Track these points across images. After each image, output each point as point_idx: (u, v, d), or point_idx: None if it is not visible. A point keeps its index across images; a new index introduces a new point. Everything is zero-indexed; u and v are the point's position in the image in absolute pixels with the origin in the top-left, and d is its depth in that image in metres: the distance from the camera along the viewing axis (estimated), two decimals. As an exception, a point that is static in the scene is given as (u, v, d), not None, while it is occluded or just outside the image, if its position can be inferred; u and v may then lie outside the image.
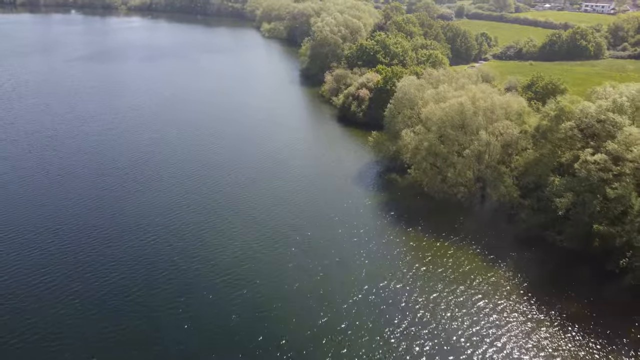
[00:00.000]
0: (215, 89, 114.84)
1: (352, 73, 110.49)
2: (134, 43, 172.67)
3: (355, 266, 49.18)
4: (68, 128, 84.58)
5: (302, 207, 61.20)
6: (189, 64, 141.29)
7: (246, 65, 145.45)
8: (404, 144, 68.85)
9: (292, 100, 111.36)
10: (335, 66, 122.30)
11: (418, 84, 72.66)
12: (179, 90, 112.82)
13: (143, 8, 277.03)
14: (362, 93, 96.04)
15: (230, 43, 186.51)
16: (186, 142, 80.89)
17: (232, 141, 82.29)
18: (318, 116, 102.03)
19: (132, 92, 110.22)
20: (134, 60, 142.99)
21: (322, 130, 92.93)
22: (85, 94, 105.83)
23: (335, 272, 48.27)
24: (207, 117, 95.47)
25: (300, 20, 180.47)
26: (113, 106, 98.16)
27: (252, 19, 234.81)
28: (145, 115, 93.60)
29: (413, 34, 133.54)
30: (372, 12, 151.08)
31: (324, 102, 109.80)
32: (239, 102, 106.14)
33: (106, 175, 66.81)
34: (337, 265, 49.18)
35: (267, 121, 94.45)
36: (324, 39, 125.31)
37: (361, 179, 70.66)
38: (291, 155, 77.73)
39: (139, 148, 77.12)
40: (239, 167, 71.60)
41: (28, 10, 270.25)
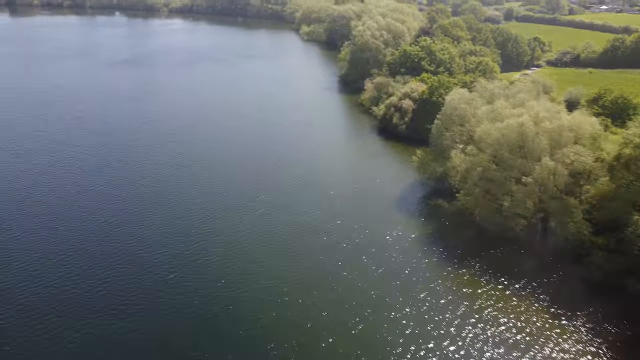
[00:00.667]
0: (248, 98, 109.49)
1: (395, 81, 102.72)
2: (173, 46, 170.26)
3: (398, 320, 41.72)
4: (97, 139, 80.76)
5: (336, 238, 54.15)
6: (225, 70, 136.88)
7: (282, 70, 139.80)
8: (452, 166, 60.87)
9: (329, 109, 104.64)
10: (376, 73, 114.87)
11: (469, 99, 64.45)
12: (208, 100, 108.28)
13: (184, 10, 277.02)
14: (405, 104, 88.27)
15: (267, 46, 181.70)
16: (209, 158, 75.52)
17: (262, 154, 76.28)
18: (356, 127, 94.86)
19: (166, 98, 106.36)
20: (171, 65, 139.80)
21: (360, 144, 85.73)
22: (120, 100, 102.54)
23: (375, 327, 40.93)
24: (238, 126, 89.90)
25: (340, 23, 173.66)
26: (148, 112, 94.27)
27: (291, 21, 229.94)
28: (173, 124, 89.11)
29: (460, 39, 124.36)
30: (416, 15, 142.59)
31: (363, 111, 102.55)
32: (272, 110, 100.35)
33: (142, 186, 62.15)
34: (377, 319, 41.83)
35: (301, 132, 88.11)
36: (364, 43, 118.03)
37: (403, 203, 63.12)
38: (325, 173, 70.98)
39: (168, 158, 72.32)
40: (266, 188, 65.31)
41: (74, 12, 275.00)
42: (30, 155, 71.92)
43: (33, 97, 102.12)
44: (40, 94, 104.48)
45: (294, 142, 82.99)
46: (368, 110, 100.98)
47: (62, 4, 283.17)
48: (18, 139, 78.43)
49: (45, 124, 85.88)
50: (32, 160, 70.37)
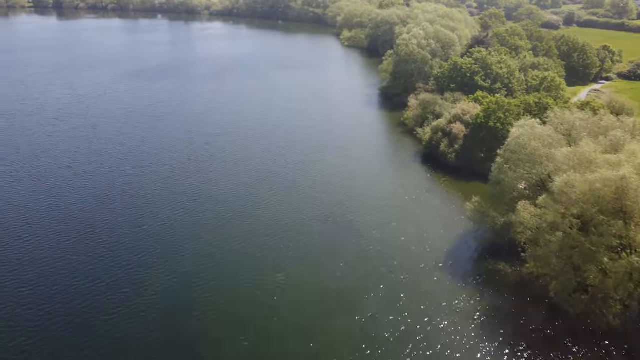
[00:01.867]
0: (279, 116, 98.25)
1: (443, 99, 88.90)
2: (208, 53, 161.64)
3: None
4: (110, 161, 71.57)
5: (373, 311, 41.83)
6: (257, 82, 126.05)
7: (319, 81, 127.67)
8: (519, 221, 47.20)
9: (368, 130, 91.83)
10: (421, 87, 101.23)
11: (542, 134, 50.33)
12: (230, 119, 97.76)
13: (225, 13, 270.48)
14: (455, 129, 74.52)
15: (305, 53, 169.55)
16: (229, 183, 64.58)
17: (286, 187, 64.68)
18: (398, 153, 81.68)
19: (187, 115, 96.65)
20: (202, 75, 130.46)
21: (402, 176, 72.55)
22: (138, 117, 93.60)
23: None
24: (262, 151, 78.69)
25: (383, 28, 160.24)
26: (166, 131, 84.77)
27: (332, 25, 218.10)
28: (185, 148, 78.92)
29: (519, 49, 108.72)
30: (468, 22, 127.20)
31: (405, 132, 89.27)
32: (304, 131, 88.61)
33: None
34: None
35: (334, 160, 75.81)
36: (409, 54, 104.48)
37: (454, 263, 49.89)
38: (361, 216, 58.46)
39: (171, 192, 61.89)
40: (284, 242, 53.58)
41: (118, 15, 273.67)
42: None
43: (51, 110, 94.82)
44: (52, 107, 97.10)
45: (325, 173, 70.82)
46: (412, 131, 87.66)
47: (107, 7, 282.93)
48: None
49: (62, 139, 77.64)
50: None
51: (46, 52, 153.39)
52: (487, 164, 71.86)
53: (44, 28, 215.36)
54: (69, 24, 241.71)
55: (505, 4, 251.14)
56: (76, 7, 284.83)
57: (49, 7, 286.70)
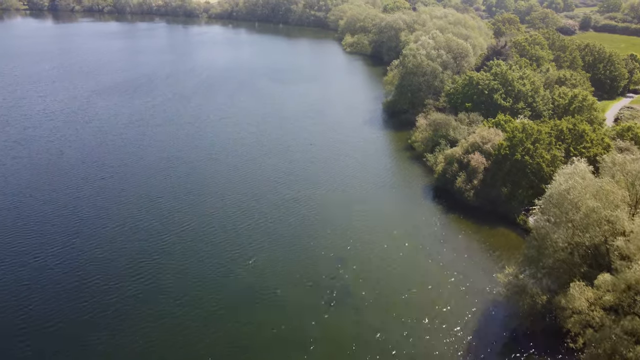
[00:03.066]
0: (272, 137, 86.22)
1: (457, 120, 76.51)
2: (205, 62, 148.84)
3: None
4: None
5: None
6: (250, 98, 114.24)
7: (318, 95, 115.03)
8: (569, 306, 34.97)
9: (370, 154, 79.44)
10: (431, 104, 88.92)
11: (600, 189, 37.86)
12: (216, 145, 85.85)
13: (224, 16, 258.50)
14: (474, 161, 62.06)
15: (306, 62, 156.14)
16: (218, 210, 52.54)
17: (266, 241, 52.57)
18: (405, 185, 69.26)
19: (178, 135, 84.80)
20: (191, 88, 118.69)
21: (409, 217, 60.13)
22: (120, 138, 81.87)
23: None
24: (247, 187, 66.65)
25: (387, 34, 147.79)
26: (141, 157, 72.91)
27: (334, 29, 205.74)
28: (166, 174, 66.91)
29: (540, 60, 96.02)
30: (481, 28, 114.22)
31: (414, 158, 76.94)
32: (298, 157, 76.48)
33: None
34: None
35: (330, 196, 63.63)
36: (417, 65, 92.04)
37: (485, 353, 37.62)
38: (361, 283, 46.24)
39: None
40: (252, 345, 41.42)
41: (114, 17, 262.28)
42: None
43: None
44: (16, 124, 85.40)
45: (317, 214, 58.68)
46: (421, 157, 75.40)
47: (103, 9, 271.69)
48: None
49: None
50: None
51: (27, 59, 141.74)
52: (514, 205, 59.77)
53: (32, 33, 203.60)
54: (61, 28, 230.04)
55: (515, 7, 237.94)
56: (72, 10, 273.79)
57: (44, 10, 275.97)
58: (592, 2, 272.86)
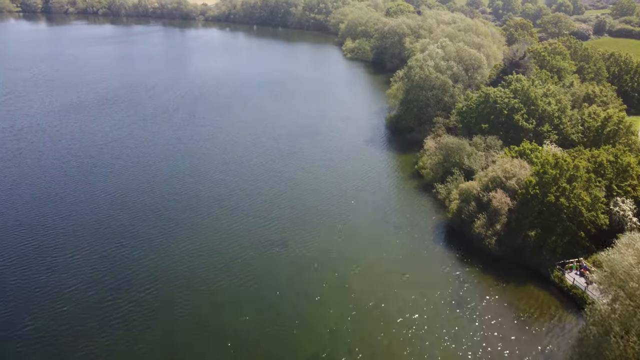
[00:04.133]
0: (264, 161, 75.90)
1: (472, 144, 65.78)
2: (196, 71, 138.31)
3: None
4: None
5: None
6: (249, 109, 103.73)
7: (318, 107, 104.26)
8: None
9: (370, 179, 68.84)
10: (440, 122, 78.28)
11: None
12: (212, 160, 75.53)
13: (221, 19, 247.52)
14: (496, 201, 51.32)
15: (304, 70, 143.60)
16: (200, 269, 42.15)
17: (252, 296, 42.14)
18: (411, 223, 58.49)
19: (157, 157, 74.48)
20: (181, 102, 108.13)
21: (419, 269, 49.46)
22: (91, 162, 71.59)
23: None
24: (230, 224, 56.28)
25: (391, 40, 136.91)
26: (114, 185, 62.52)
27: (335, 33, 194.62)
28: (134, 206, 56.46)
29: (562, 72, 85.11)
30: (494, 35, 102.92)
31: (422, 187, 66.35)
32: (291, 185, 66.03)
33: None
34: None
35: (324, 237, 53.16)
36: (425, 78, 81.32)
37: None
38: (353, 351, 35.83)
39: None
40: None
41: (109, 20, 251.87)
42: None
43: None
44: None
45: (307, 272, 48.22)
46: (430, 186, 64.82)
47: (97, 11, 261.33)
48: None
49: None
50: None
51: (6, 66, 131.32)
52: (545, 256, 49.09)
53: (19, 36, 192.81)
54: (51, 31, 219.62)
55: (523, 9, 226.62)
56: (65, 12, 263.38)
57: (37, 12, 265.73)
58: (601, 5, 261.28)
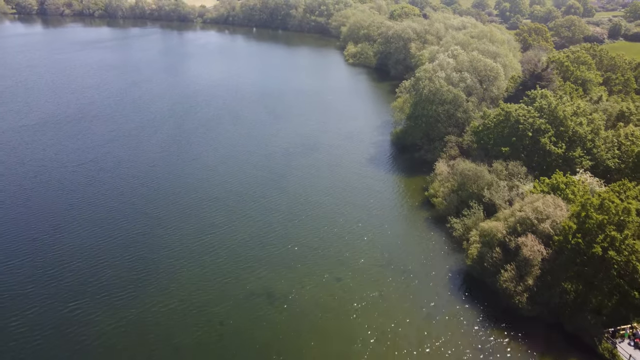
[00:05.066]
0: (254, 187, 66.88)
1: (491, 171, 56.43)
2: (185, 81, 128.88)
3: None
4: None
5: None
6: (241, 123, 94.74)
7: (317, 120, 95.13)
8: None
9: (373, 209, 59.71)
10: (452, 141, 68.97)
11: None
12: (194, 182, 66.54)
13: (220, 21, 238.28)
14: (527, 250, 41.98)
15: (304, 78, 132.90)
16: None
17: None
18: (422, 267, 49.28)
19: (135, 181, 65.51)
20: (164, 119, 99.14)
21: (436, 331, 40.25)
22: (60, 186, 62.68)
23: None
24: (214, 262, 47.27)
25: (395, 45, 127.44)
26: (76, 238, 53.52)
27: (336, 36, 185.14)
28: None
29: (587, 84, 75.64)
30: (510, 43, 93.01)
31: (433, 219, 57.16)
32: (284, 216, 56.93)
33: None
34: None
35: (326, 281, 44.02)
36: (435, 92, 71.99)
37: None
38: None
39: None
40: None
41: (106, 22, 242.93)
42: None
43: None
44: None
45: (297, 330, 39.13)
46: (443, 219, 55.63)
47: (94, 13, 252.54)
48: None
49: None
50: None
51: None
52: (590, 320, 39.73)
53: (7, 41, 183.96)
54: (43, 34, 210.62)
55: (531, 12, 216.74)
56: (61, 14, 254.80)
57: (32, 14, 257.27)
58: (611, 6, 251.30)
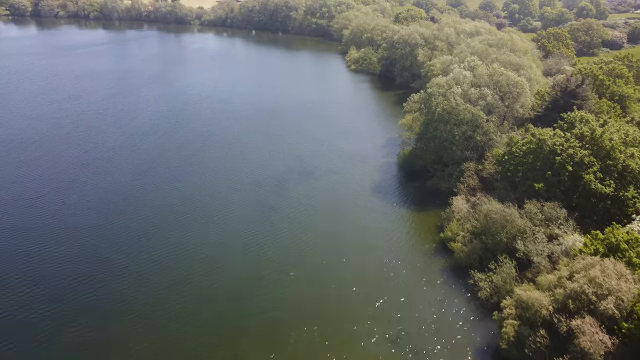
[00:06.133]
0: (234, 224, 56.45)
1: (524, 214, 45.77)
2: (176, 90, 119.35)
3: None
4: None
5: None
6: (228, 150, 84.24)
7: (312, 141, 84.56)
8: None
9: (377, 256, 49.14)
10: (472, 169, 58.27)
11: None
12: (161, 219, 56.22)
13: (218, 23, 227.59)
14: (584, 339, 31.29)
15: (302, 88, 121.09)
16: None
17: None
18: (445, 348, 38.69)
19: (99, 223, 55.19)
20: (147, 141, 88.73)
21: None
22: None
23: None
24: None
25: (401, 51, 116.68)
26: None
27: (338, 40, 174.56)
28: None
29: (626, 101, 64.84)
30: (534, 53, 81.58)
31: (450, 270, 46.64)
32: (271, 268, 46.52)
33: None
34: None
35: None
36: (450, 111, 61.30)
37: None
38: None
39: None
40: None
41: (101, 24, 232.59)
42: None
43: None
44: None
45: None
46: (463, 270, 45.14)
47: (89, 15, 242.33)
48: None
49: None
50: None
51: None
52: None
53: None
54: (34, 36, 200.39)
55: (541, 13, 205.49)
56: (55, 16, 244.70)
57: (26, 16, 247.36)
58: (623, 8, 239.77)
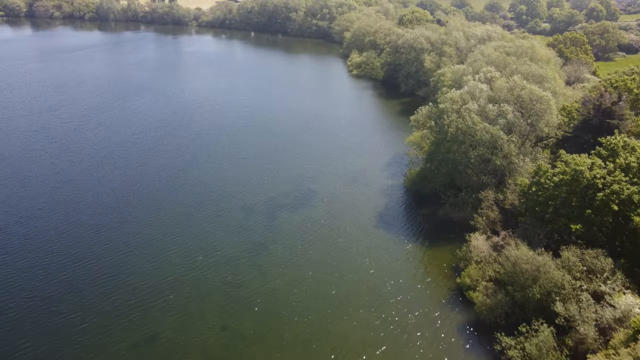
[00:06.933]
0: (219, 267, 48.37)
1: (560, 266, 37.51)
2: (164, 101, 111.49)
3: None
4: None
5: None
6: (214, 173, 76.09)
7: (310, 160, 76.29)
8: None
9: (382, 308, 41.10)
10: (491, 198, 50.21)
11: None
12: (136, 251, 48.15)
13: (216, 24, 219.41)
14: None
15: (303, 97, 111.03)
16: None
17: None
18: None
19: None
20: (128, 164, 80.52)
21: None
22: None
23: None
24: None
25: (406, 56, 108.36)
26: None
27: (339, 42, 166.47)
28: None
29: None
30: (557, 63, 72.69)
31: (469, 325, 38.59)
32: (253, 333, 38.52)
33: None
34: None
35: None
36: (465, 131, 53.04)
37: None
38: None
39: None
40: None
41: (97, 26, 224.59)
42: None
43: None
44: None
45: None
46: (486, 327, 37.01)
47: (84, 16, 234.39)
48: None
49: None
50: None
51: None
52: None
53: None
54: (25, 39, 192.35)
55: (549, 15, 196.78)
56: (50, 17, 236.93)
57: (20, 16, 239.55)
58: (633, 9, 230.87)
